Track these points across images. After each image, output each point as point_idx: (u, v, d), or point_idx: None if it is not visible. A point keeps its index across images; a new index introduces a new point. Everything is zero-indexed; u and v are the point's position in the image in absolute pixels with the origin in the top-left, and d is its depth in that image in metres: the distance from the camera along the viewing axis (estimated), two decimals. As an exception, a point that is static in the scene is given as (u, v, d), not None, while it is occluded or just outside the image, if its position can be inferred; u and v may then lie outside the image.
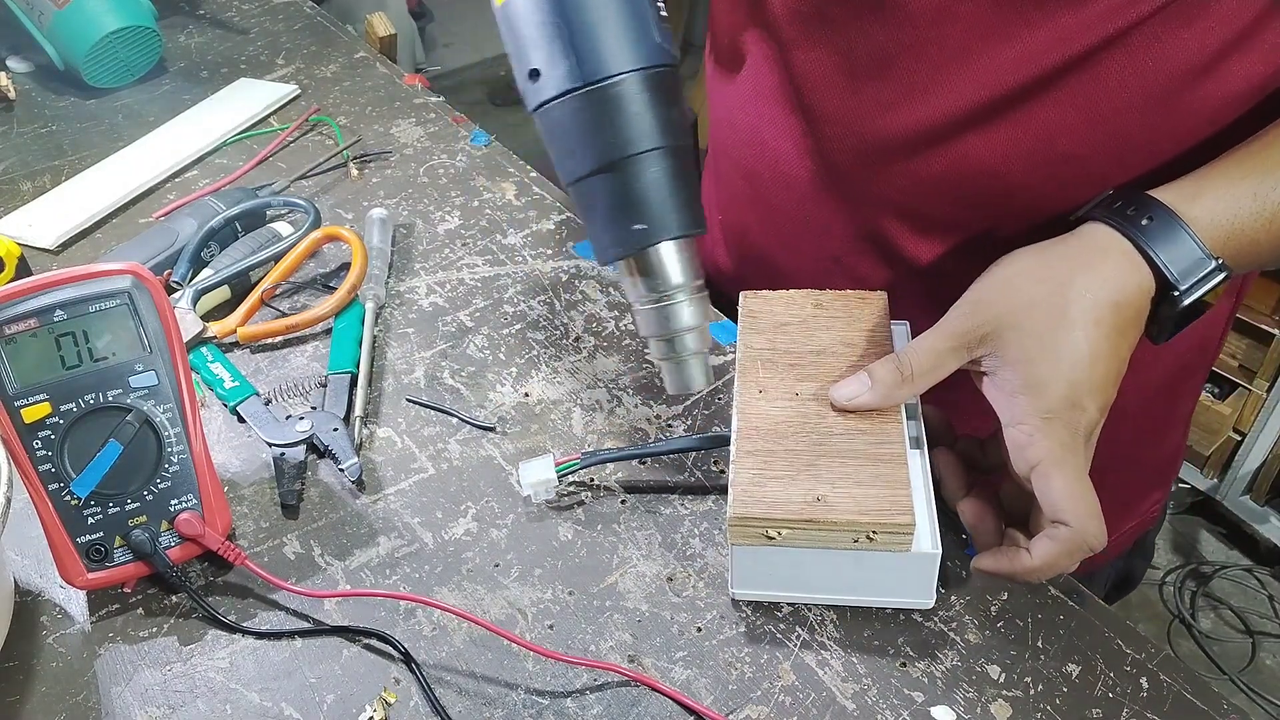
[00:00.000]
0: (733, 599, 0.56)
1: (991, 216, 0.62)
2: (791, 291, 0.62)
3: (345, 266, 0.79)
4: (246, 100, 1.04)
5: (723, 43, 0.72)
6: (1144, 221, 0.51)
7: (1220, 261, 0.51)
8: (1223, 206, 0.51)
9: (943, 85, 0.59)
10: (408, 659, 0.53)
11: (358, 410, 0.67)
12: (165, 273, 0.76)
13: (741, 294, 0.63)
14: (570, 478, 0.62)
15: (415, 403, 0.69)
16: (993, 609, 0.56)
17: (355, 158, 0.95)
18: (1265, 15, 0.53)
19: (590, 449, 0.64)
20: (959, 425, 0.60)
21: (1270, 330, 1.70)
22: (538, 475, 0.60)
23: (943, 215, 0.64)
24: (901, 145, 0.62)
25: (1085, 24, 0.53)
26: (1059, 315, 0.49)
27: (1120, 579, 0.89)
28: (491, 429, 0.67)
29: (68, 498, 0.54)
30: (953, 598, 0.56)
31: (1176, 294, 0.50)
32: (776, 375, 0.58)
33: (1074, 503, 0.48)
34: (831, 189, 0.67)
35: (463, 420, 0.68)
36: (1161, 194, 0.52)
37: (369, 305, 0.75)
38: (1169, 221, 0.51)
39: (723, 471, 0.64)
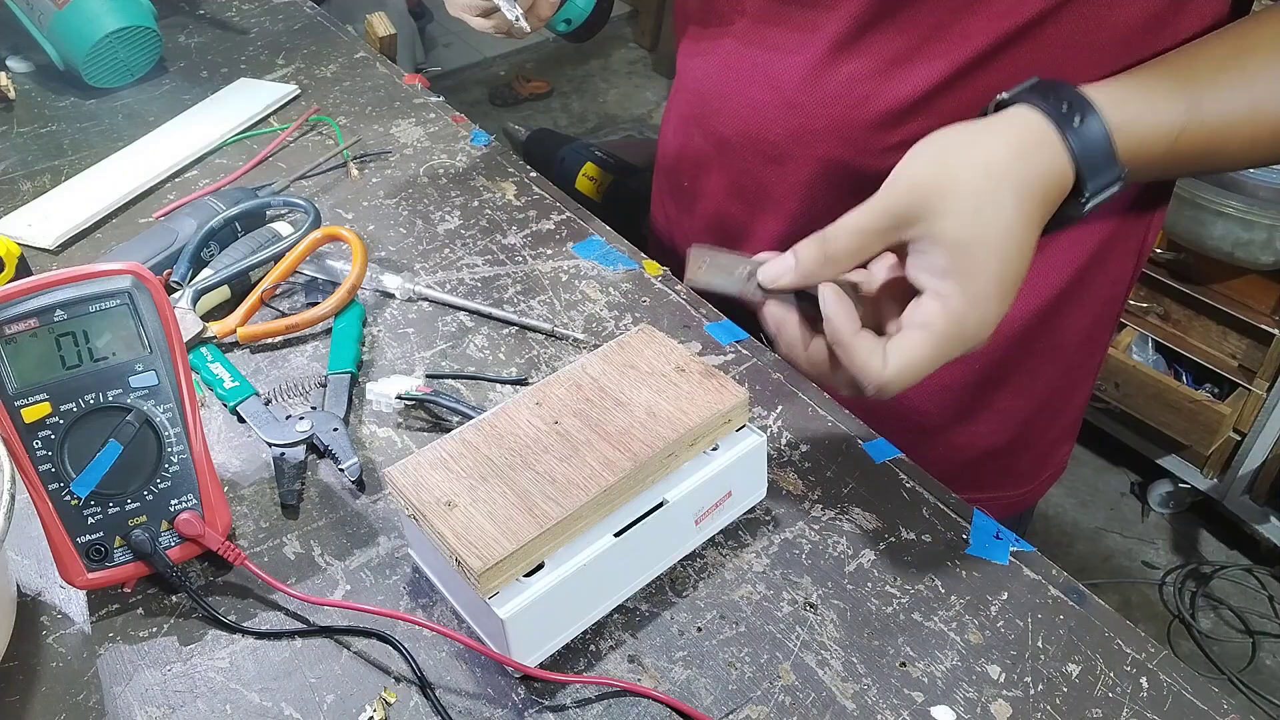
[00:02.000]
0: (522, 677, 0.53)
1: None
2: (671, 342, 0.60)
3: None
4: (246, 100, 1.04)
5: (692, 12, 0.74)
6: (1075, 121, 0.50)
7: (1125, 171, 0.52)
8: (1146, 122, 0.52)
9: (926, 56, 0.62)
10: (408, 659, 0.53)
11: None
12: (165, 273, 0.76)
13: (643, 326, 0.62)
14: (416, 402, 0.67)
15: (438, 376, 0.71)
16: (993, 609, 0.56)
17: (355, 158, 0.95)
18: None
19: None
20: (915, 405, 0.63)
21: (1270, 330, 1.70)
22: (385, 388, 0.67)
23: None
24: (877, 114, 0.65)
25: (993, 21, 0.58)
26: (995, 203, 0.48)
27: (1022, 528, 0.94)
28: (524, 381, 0.69)
29: (68, 498, 0.54)
30: (953, 597, 0.56)
31: (1083, 199, 0.51)
32: (568, 399, 0.57)
33: (909, 373, 0.49)
34: (802, 147, 0.70)
35: (492, 381, 0.70)
36: (1095, 92, 0.52)
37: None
38: (1098, 126, 0.51)
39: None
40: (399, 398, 0.67)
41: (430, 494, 0.52)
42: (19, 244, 0.79)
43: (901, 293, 0.51)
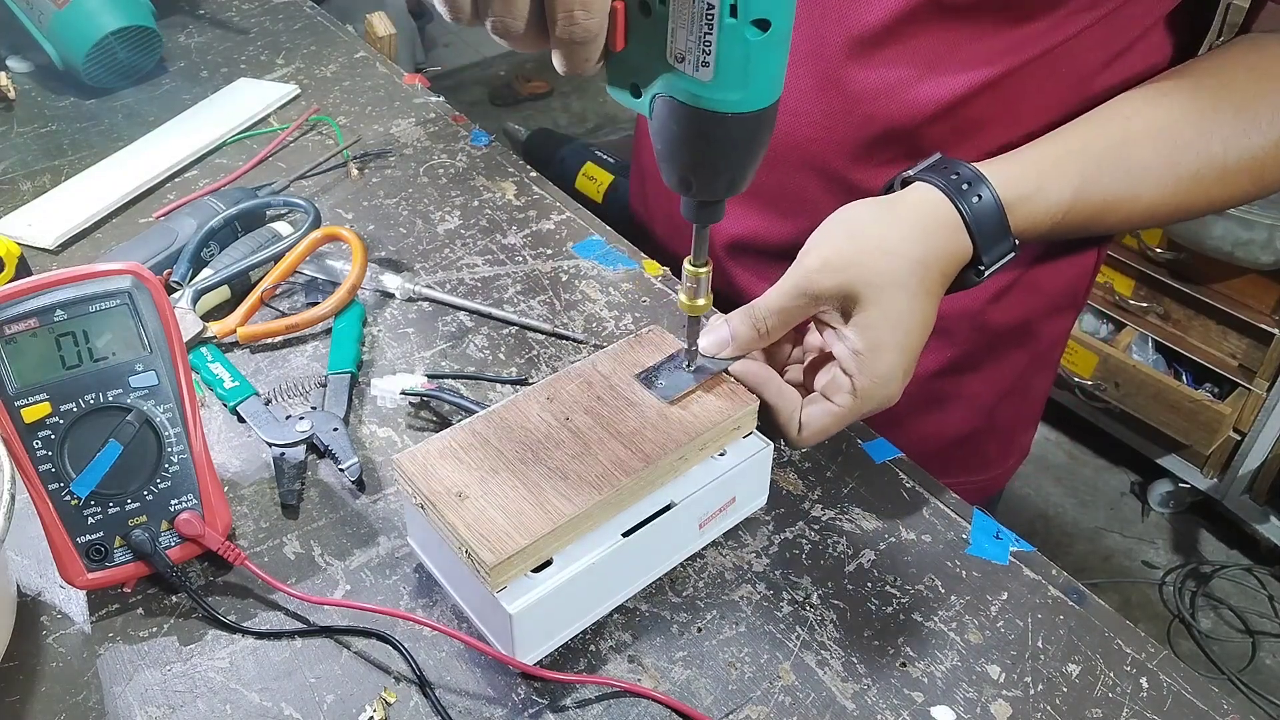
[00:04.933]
0: (523, 675, 0.53)
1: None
2: (682, 344, 0.60)
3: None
4: (246, 100, 1.04)
5: None
6: (975, 200, 0.56)
7: (1016, 241, 0.58)
8: (1036, 201, 0.58)
9: (917, 90, 0.65)
10: (408, 659, 0.53)
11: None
12: (165, 272, 0.76)
13: (654, 326, 0.63)
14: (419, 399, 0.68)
15: (438, 376, 0.71)
16: (993, 609, 0.56)
17: (355, 158, 0.95)
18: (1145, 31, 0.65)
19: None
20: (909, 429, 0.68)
21: (1270, 330, 1.70)
22: (390, 384, 0.69)
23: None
24: (867, 137, 0.68)
25: (1021, 41, 0.63)
26: (899, 283, 0.54)
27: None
28: (525, 381, 0.70)
29: (68, 498, 0.54)
30: (953, 597, 0.56)
31: (981, 267, 0.57)
32: (579, 396, 0.57)
33: (819, 437, 0.56)
34: (802, 150, 0.71)
35: (491, 380, 0.70)
36: (991, 171, 0.57)
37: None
38: (994, 207, 0.56)
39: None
40: (403, 393, 0.68)
41: (440, 484, 0.52)
42: (19, 244, 0.78)
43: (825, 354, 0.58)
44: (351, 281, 0.75)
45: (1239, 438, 1.81)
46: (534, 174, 0.93)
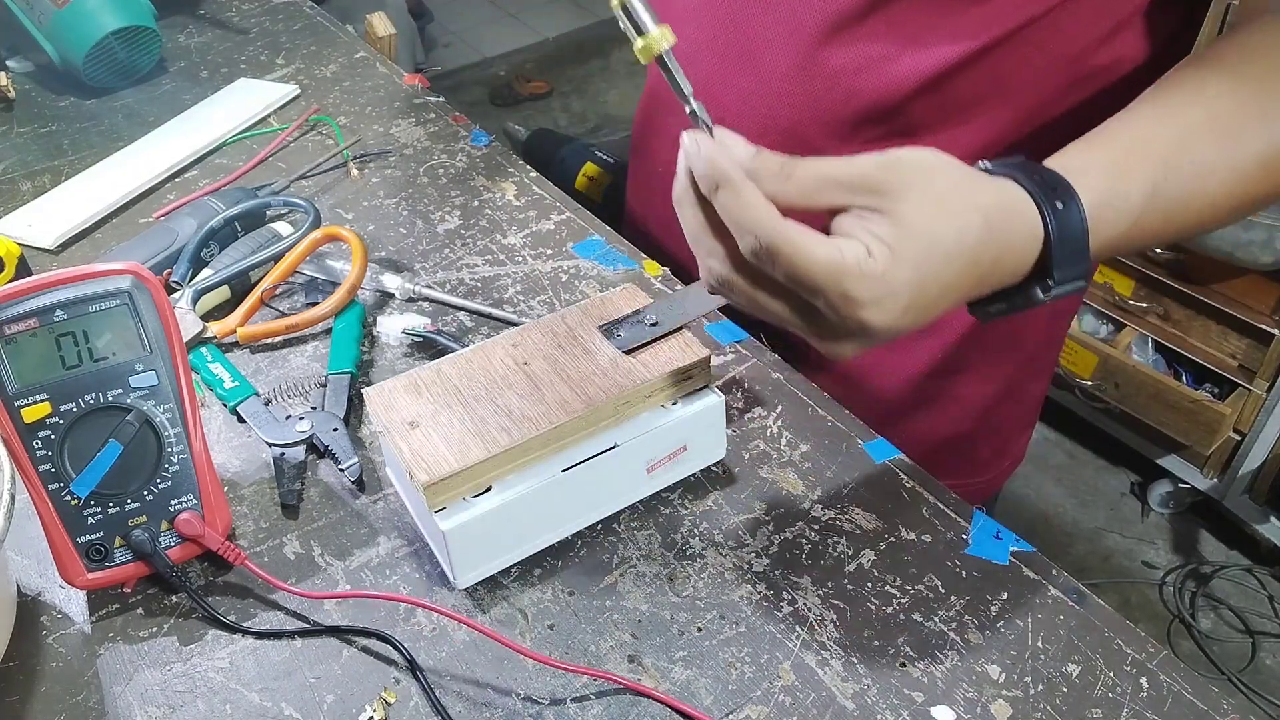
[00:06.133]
0: (458, 588, 0.57)
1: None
2: (652, 302, 0.63)
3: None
4: (246, 100, 1.04)
5: None
6: (1058, 205, 0.48)
7: (1088, 268, 0.49)
8: (1119, 224, 0.50)
9: (910, 53, 0.64)
10: (408, 659, 0.53)
11: None
12: (165, 273, 0.76)
13: (628, 285, 0.65)
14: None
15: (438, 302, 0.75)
16: (993, 609, 0.56)
17: (355, 158, 0.95)
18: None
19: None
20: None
21: (1270, 330, 1.70)
22: (393, 324, 0.73)
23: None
24: (850, 115, 0.67)
25: (1000, 13, 0.61)
26: (955, 229, 0.45)
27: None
28: (516, 321, 0.74)
29: (68, 498, 0.54)
30: (953, 597, 0.56)
31: (1048, 287, 0.48)
32: (542, 343, 0.60)
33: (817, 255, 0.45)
34: (780, 129, 0.70)
35: (490, 316, 0.74)
36: (1083, 187, 0.49)
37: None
38: (1079, 230, 0.48)
39: (724, 472, 0.64)
40: (405, 332, 0.72)
41: (398, 414, 0.56)
42: (19, 244, 0.79)
43: None
44: (351, 281, 0.75)
45: (1239, 438, 1.81)
46: (534, 174, 0.93)
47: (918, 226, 0.45)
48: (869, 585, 0.57)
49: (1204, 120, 0.53)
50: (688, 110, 0.49)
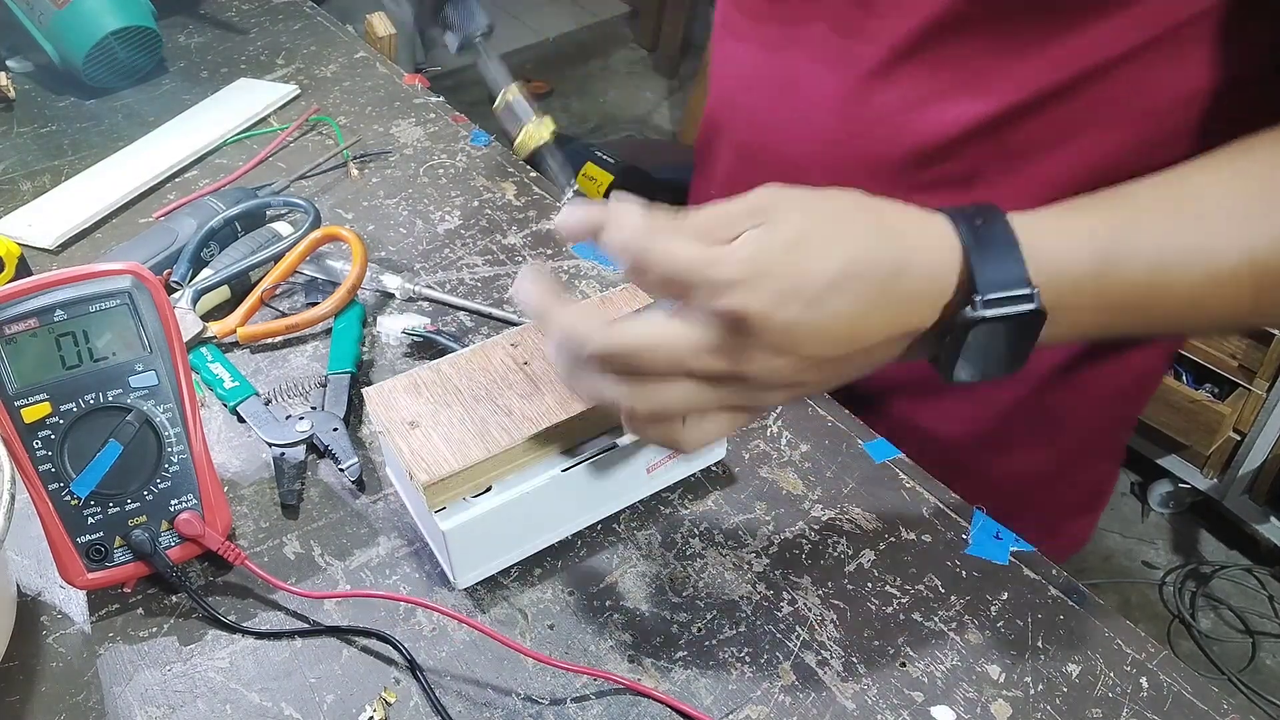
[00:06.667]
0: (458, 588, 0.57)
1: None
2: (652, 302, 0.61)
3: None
4: (246, 100, 1.04)
5: (731, 19, 0.73)
6: (978, 221, 0.43)
7: (1034, 292, 0.42)
8: (1057, 239, 0.44)
9: (964, 96, 0.60)
10: (408, 659, 0.53)
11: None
12: (165, 273, 0.76)
13: (628, 285, 0.61)
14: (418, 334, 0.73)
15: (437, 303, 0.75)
16: (993, 609, 0.56)
17: (355, 158, 0.95)
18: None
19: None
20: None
21: (1270, 330, 1.70)
22: (393, 324, 0.73)
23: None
24: (907, 150, 0.63)
25: (1063, 59, 0.56)
26: (832, 212, 0.42)
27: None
28: (516, 322, 0.74)
29: (68, 498, 0.54)
30: (953, 597, 0.56)
31: (975, 300, 0.42)
32: (542, 343, 0.60)
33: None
34: (824, 165, 0.68)
35: (490, 317, 0.74)
36: (1017, 213, 0.44)
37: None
38: (1002, 234, 0.43)
39: (724, 472, 0.64)
40: (405, 333, 0.72)
41: (398, 414, 0.56)
42: (19, 244, 0.79)
43: None
44: (351, 281, 0.75)
45: (1239, 438, 1.81)
46: (534, 174, 0.93)
47: (792, 218, 0.42)
48: (869, 585, 0.57)
49: (1220, 178, 0.47)
50: (566, 196, 0.49)
